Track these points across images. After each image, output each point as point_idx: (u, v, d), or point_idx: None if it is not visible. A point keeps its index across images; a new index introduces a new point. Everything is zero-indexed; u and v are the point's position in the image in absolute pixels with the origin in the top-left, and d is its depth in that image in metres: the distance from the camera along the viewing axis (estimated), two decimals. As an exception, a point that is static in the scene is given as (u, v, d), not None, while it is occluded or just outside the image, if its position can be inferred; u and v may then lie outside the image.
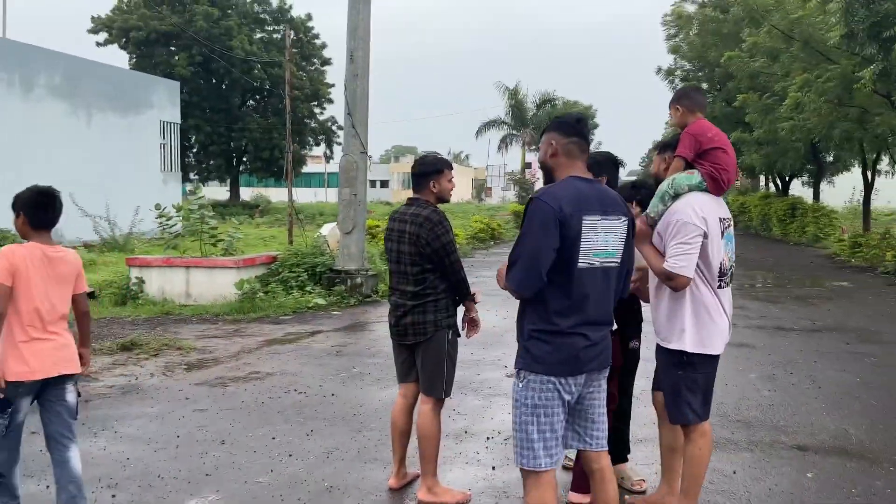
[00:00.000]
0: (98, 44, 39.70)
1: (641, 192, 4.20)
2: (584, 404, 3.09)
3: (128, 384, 6.59)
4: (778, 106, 18.51)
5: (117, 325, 9.59)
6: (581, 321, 2.99)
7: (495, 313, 9.82)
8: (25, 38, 21.94)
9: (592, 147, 3.42)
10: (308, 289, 11.13)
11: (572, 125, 3.15)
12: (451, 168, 4.30)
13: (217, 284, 11.01)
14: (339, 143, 46.39)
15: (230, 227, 12.36)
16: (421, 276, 4.03)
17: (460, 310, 4.22)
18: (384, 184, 71.47)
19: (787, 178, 28.86)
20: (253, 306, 10.39)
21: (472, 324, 4.32)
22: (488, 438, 5.11)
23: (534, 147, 40.80)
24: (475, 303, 4.28)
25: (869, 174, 20.74)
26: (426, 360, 4.10)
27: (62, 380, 3.58)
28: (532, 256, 2.94)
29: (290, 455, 4.76)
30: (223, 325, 9.58)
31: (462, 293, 4.21)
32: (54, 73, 21.74)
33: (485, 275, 14.49)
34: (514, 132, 36.39)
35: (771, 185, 33.15)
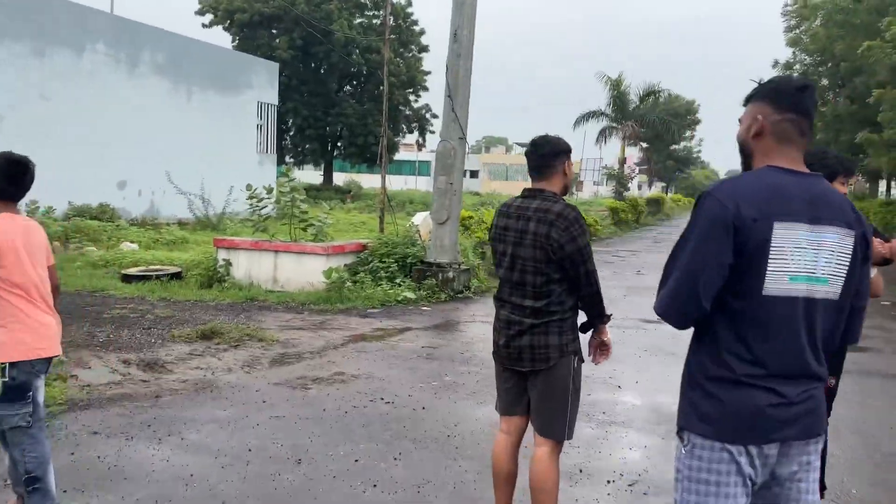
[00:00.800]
0: (204, 25, 40.48)
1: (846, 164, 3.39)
2: (785, 488, 2.20)
3: (202, 380, 6.08)
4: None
5: (200, 308, 9.20)
6: (768, 370, 2.14)
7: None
8: (132, 16, 22.13)
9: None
10: (398, 281, 10.51)
11: (791, 95, 2.21)
12: None
13: (305, 271, 10.52)
14: (433, 132, 46.11)
15: (321, 212, 11.87)
16: (545, 289, 3.25)
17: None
18: (474, 174, 70.79)
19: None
20: (340, 296, 9.85)
21: (602, 348, 3.51)
22: (609, 482, 4.29)
23: (631, 142, 39.27)
24: (607, 323, 3.46)
25: None
26: (546, 394, 3.32)
27: (49, 361, 3.40)
28: (689, 273, 2.15)
29: (375, 486, 4.07)
30: (308, 316, 9.05)
31: (596, 312, 3.40)
32: (158, 51, 21.93)
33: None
34: (614, 125, 34.94)
35: (894, 190, 30.65)
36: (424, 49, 43.75)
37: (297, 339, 7.76)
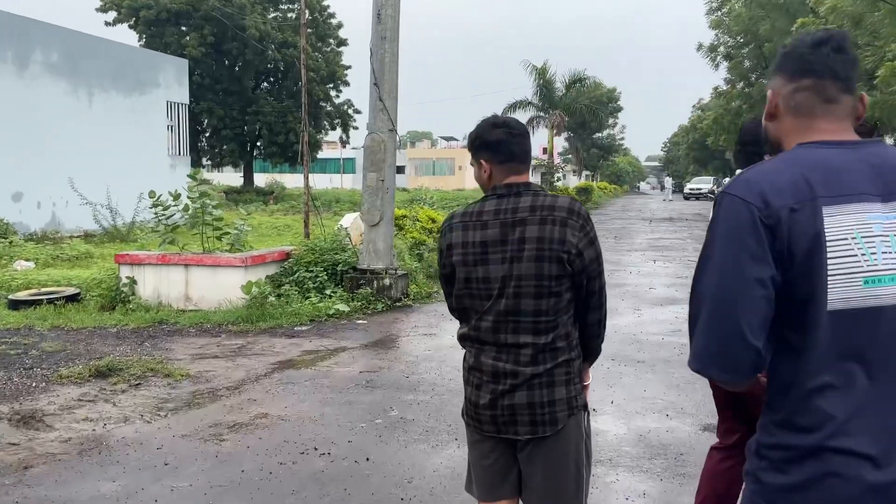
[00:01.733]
0: (107, 23, 38.05)
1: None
2: None
3: (90, 437, 4.90)
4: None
5: (98, 337, 7.92)
6: (854, 427, 1.45)
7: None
8: (21, 12, 20.24)
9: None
10: (328, 292, 9.42)
11: (804, 55, 1.61)
12: None
13: (221, 286, 9.32)
14: (356, 128, 44.79)
15: (237, 218, 10.66)
16: (554, 318, 2.32)
17: None
18: (400, 170, 69.58)
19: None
20: (263, 314, 8.69)
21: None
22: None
23: (557, 131, 38.91)
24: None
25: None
26: (552, 471, 2.38)
27: None
28: (720, 303, 1.50)
29: None
30: (226, 340, 7.88)
31: (596, 346, 2.51)
32: (51, 49, 20.07)
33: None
34: (542, 114, 34.42)
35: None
36: (343, 43, 42.40)
37: (212, 371, 6.61)
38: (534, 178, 40.65)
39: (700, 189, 52.75)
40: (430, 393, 5.86)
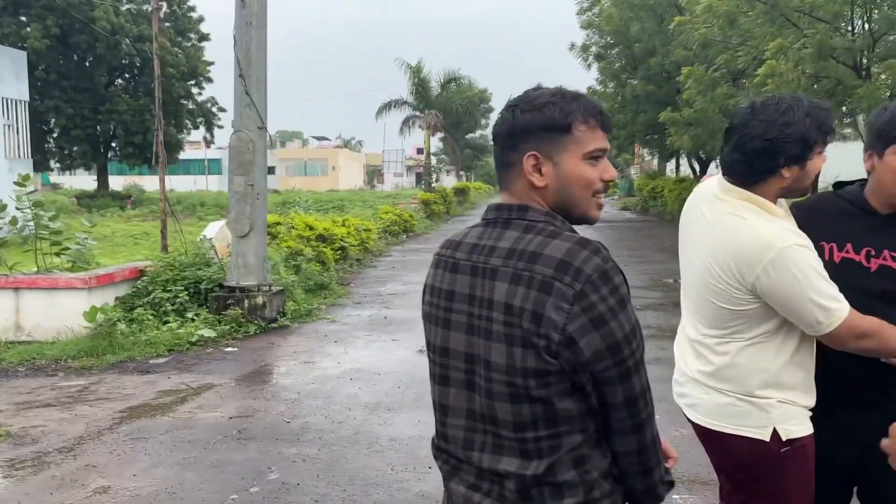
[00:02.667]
0: (-68, 12, 34.03)
1: None
2: None
3: None
4: (721, 82, 16.77)
5: None
6: None
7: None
8: None
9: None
10: (190, 315, 8.17)
11: None
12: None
13: (60, 312, 7.89)
14: (221, 127, 42.42)
15: (79, 230, 9.18)
16: (546, 438, 1.42)
17: None
18: (270, 170, 67.20)
19: (706, 161, 27.67)
20: (111, 344, 7.36)
21: None
22: None
23: (433, 131, 38.36)
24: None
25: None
26: None
27: None
28: None
29: None
30: (64, 380, 6.54)
31: (639, 487, 1.51)
32: None
33: (414, 280, 11.91)
34: (418, 113, 33.68)
35: (684, 168, 32.09)
36: (205, 38, 40.02)
37: (41, 426, 5.32)
38: (408, 178, 40.33)
39: None
40: (318, 444, 4.86)
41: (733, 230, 2.04)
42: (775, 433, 2.03)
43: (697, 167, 29.22)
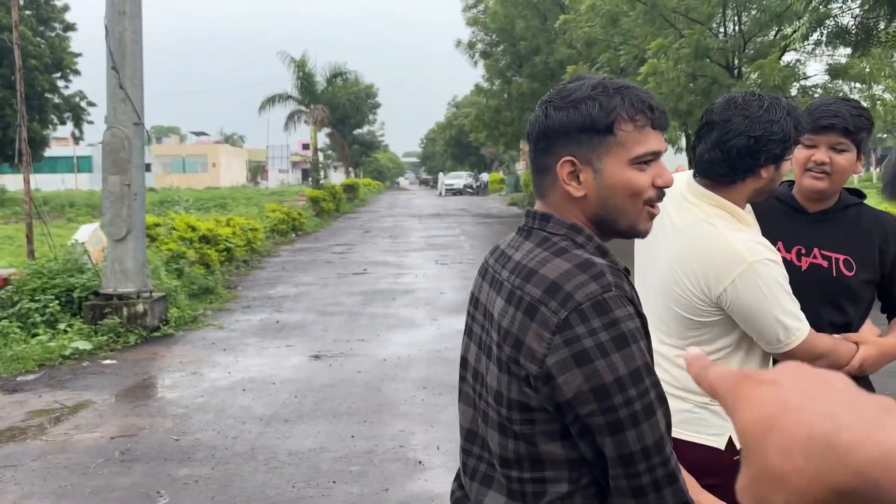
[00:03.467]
0: None
1: None
2: None
3: None
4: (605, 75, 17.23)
5: None
6: None
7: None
8: None
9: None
10: (62, 326, 7.55)
11: None
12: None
13: None
14: (91, 122, 39.97)
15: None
16: (531, 482, 1.25)
17: None
18: (146, 167, 64.21)
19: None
20: (-29, 361, 6.70)
21: None
22: None
23: (319, 127, 37.66)
24: None
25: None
26: None
27: None
28: None
29: None
30: (-85, 405, 5.87)
31: None
32: None
33: (305, 281, 11.58)
34: (303, 108, 32.92)
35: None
36: (71, 27, 37.65)
37: None
38: (293, 175, 39.50)
39: (452, 185, 50.99)
40: (211, 462, 4.54)
41: (703, 238, 1.96)
42: (730, 441, 2.00)
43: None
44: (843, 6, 8.86)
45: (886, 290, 2.25)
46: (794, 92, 13.72)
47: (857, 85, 13.60)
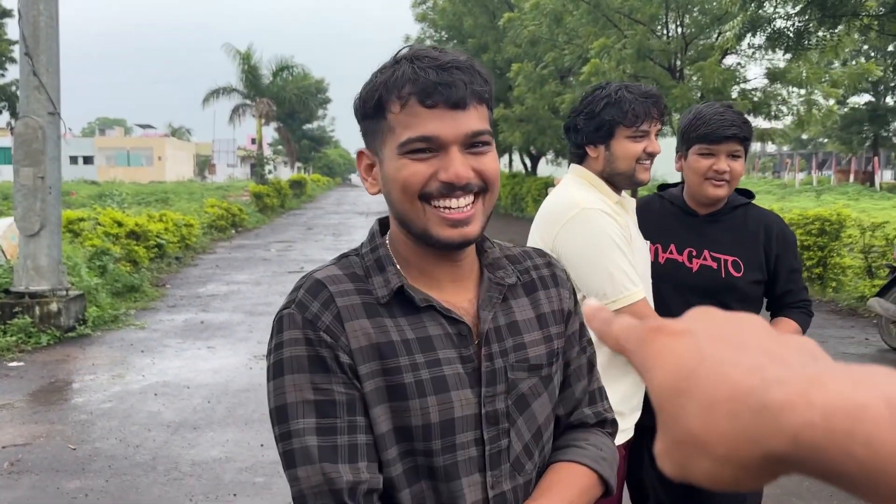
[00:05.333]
0: None
1: None
2: None
3: None
4: (549, 79, 17.23)
5: None
6: None
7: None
8: None
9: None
10: (-32, 325, 7.14)
11: None
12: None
13: None
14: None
15: None
16: None
17: None
18: (88, 160, 62.39)
19: (536, 156, 28.50)
20: None
21: None
22: None
23: (266, 121, 37.03)
24: None
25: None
26: None
27: None
28: None
29: None
30: None
31: None
32: None
33: (238, 279, 11.27)
34: (249, 101, 32.29)
35: (516, 164, 32.96)
36: (7, 14, 36.31)
37: None
38: (242, 170, 38.74)
39: None
40: (107, 473, 4.27)
41: (551, 195, 2.11)
42: None
43: (529, 162, 30.08)
44: (776, 10, 8.91)
45: (770, 287, 2.33)
46: (734, 95, 13.86)
47: (795, 89, 13.81)
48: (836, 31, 8.97)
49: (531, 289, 1.25)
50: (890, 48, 28.24)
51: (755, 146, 52.39)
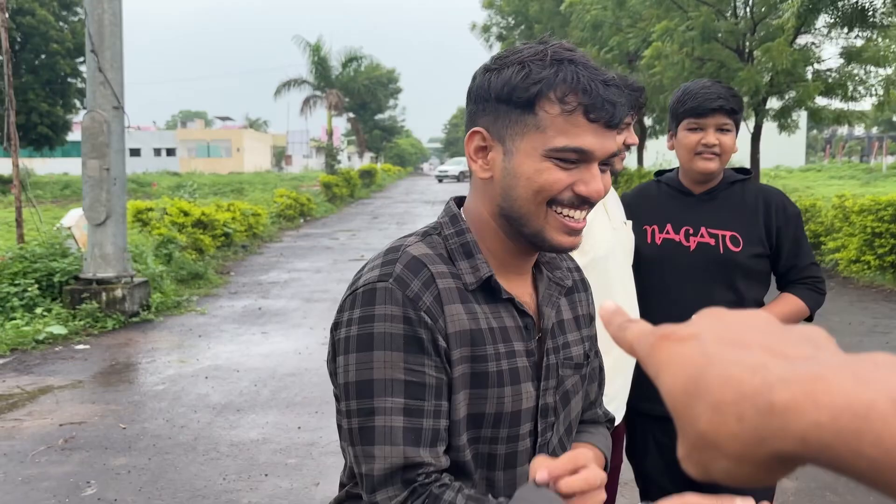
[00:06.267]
0: None
1: None
2: None
3: None
4: (615, 64, 16.90)
5: None
6: None
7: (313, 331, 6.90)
8: None
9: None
10: (40, 310, 7.54)
11: None
12: None
13: None
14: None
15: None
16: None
17: None
18: (171, 152, 64.72)
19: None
20: (-57, 345, 6.72)
21: None
22: None
23: (337, 111, 37.59)
24: None
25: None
26: None
27: None
28: None
29: None
30: None
31: None
32: None
33: (299, 267, 11.52)
34: (319, 93, 32.86)
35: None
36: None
37: None
38: (317, 160, 39.34)
39: (447, 171, 49.19)
40: (150, 452, 4.47)
41: None
42: None
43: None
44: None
45: (774, 262, 2.29)
46: (808, 76, 13.30)
47: (873, 68, 13.14)
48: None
49: (570, 291, 1.28)
50: None
51: (841, 129, 50.06)
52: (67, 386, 5.87)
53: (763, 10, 13.08)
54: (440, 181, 48.26)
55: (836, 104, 14.22)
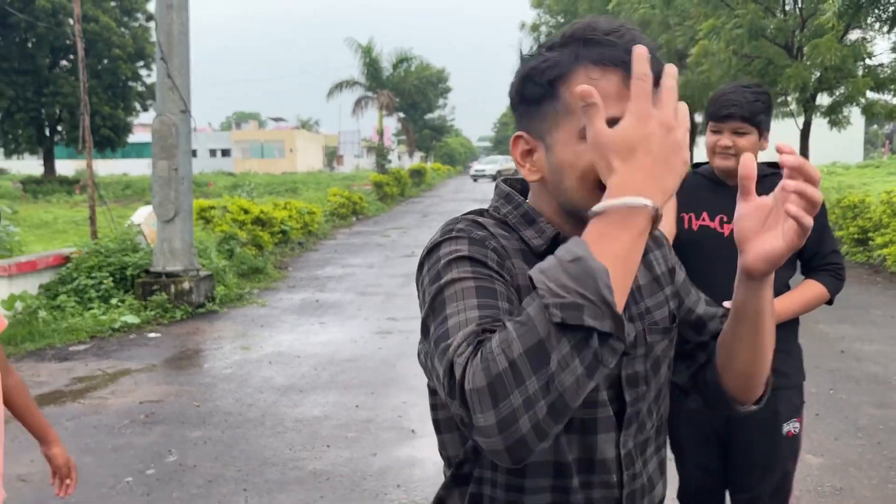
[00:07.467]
0: None
1: None
2: None
3: None
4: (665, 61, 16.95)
5: None
6: None
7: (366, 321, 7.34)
8: None
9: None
10: (115, 301, 8.11)
11: None
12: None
13: (-20, 300, 7.78)
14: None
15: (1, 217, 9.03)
16: None
17: None
18: (226, 153, 66.35)
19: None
20: (31, 332, 7.28)
21: None
22: None
23: (388, 112, 38.19)
24: None
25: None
26: None
27: None
28: None
29: None
30: (-23, 369, 6.46)
31: None
32: None
33: (353, 263, 11.95)
34: (370, 94, 33.49)
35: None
36: (153, 17, 39.11)
37: (-55, 416, 5.27)
38: (368, 160, 39.65)
39: (483, 171, 47.91)
40: (223, 426, 4.90)
41: None
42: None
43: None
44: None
45: (800, 250, 2.45)
46: (859, 73, 13.22)
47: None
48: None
49: (644, 253, 1.09)
50: None
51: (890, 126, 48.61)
52: (143, 369, 6.37)
53: (812, 5, 13.07)
54: (475, 180, 46.34)
55: (889, 99, 14.08)
